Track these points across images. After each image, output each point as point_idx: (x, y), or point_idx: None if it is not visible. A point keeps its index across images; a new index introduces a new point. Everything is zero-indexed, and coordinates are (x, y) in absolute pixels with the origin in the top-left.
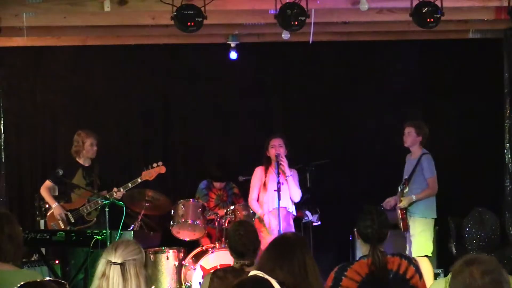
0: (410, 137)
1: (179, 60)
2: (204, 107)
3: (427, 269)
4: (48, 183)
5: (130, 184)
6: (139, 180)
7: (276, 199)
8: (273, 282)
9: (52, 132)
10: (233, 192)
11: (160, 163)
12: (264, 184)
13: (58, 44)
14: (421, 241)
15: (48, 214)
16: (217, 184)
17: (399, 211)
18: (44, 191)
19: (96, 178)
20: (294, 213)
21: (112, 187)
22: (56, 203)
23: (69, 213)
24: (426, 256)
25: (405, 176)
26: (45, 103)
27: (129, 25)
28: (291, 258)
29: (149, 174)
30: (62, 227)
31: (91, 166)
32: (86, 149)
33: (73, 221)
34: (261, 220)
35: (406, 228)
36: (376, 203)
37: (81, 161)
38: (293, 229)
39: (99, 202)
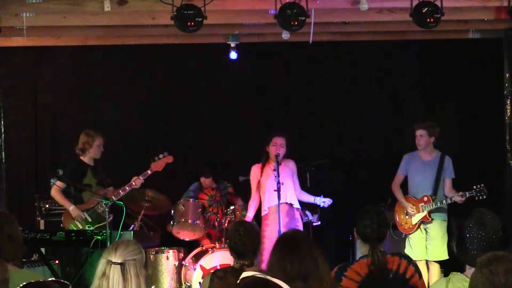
0: (423, 139)
1: (179, 60)
2: (204, 107)
3: (438, 275)
4: (59, 184)
5: (141, 177)
6: (149, 172)
7: (274, 197)
8: (280, 283)
9: (52, 132)
10: (227, 192)
11: (166, 153)
12: (259, 182)
13: (58, 44)
14: (443, 245)
15: (63, 216)
16: (205, 182)
17: (426, 213)
18: (56, 193)
19: (105, 176)
20: (298, 206)
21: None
22: (73, 206)
23: (85, 213)
24: (439, 261)
25: (416, 176)
26: (45, 103)
27: (129, 25)
28: (299, 252)
29: (158, 165)
30: (81, 227)
31: (96, 165)
32: (93, 149)
33: (90, 220)
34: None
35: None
36: (376, 203)
37: (86, 160)
38: (299, 223)
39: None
